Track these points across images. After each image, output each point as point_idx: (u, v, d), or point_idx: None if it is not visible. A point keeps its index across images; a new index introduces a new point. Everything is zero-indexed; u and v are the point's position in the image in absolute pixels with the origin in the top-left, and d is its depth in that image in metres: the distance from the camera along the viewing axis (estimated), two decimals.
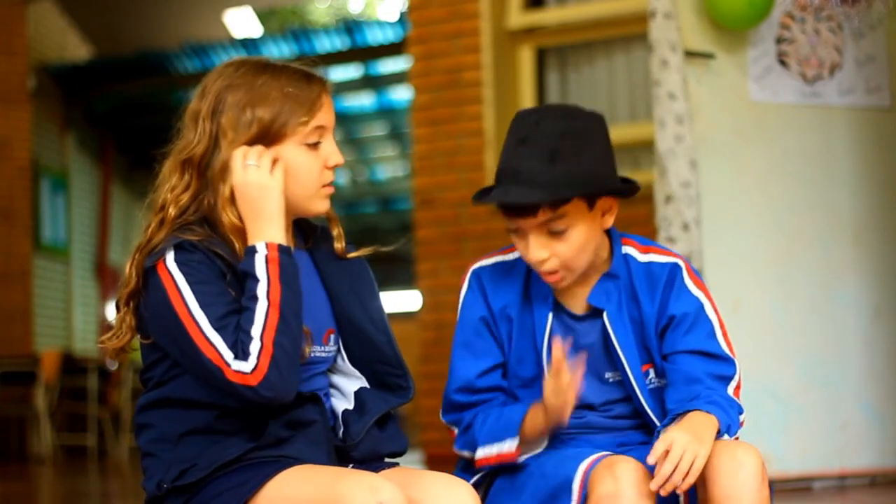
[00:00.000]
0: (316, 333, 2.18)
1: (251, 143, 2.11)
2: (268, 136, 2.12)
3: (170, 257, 2.05)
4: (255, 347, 2.00)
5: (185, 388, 2.10)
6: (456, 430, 2.31)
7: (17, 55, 10.93)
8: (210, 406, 2.09)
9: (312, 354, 2.18)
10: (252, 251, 2.05)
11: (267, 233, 2.07)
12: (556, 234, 2.18)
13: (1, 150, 10.85)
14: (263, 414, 2.08)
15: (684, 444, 2.03)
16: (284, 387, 2.01)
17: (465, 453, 2.29)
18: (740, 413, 2.22)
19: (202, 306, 2.02)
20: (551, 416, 2.17)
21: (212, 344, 2.01)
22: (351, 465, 2.16)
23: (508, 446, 2.22)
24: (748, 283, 4.63)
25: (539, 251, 2.18)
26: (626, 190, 2.24)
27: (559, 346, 2.12)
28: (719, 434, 2.12)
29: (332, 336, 2.21)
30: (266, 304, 2.01)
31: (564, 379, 2.12)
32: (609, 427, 2.31)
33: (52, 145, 11.92)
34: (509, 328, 2.30)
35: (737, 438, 2.18)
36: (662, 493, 2.05)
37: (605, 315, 2.26)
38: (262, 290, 2.02)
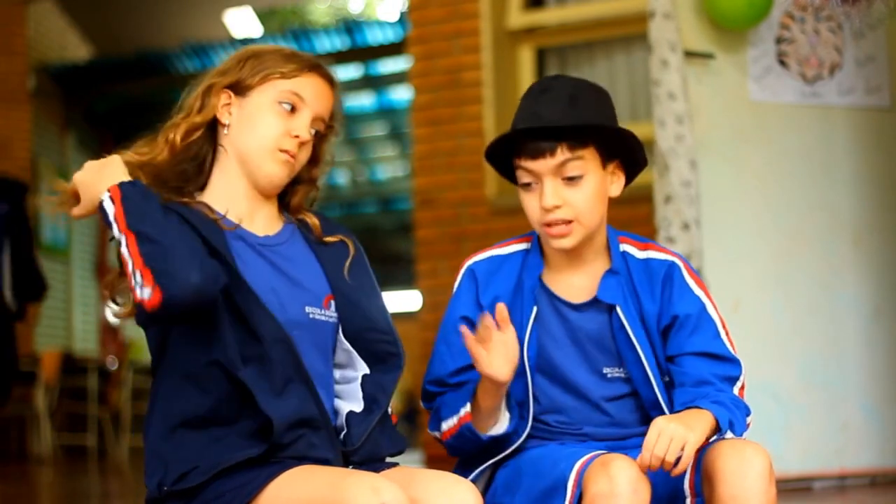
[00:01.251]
0: (315, 296, 2.21)
1: (229, 87, 2.22)
2: (243, 85, 2.22)
3: None
4: (140, 278, 2.04)
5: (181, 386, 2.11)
6: (430, 416, 2.35)
7: (17, 55, 10.93)
8: (208, 398, 2.10)
9: (311, 316, 2.19)
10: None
11: (106, 182, 2.12)
12: (571, 181, 2.22)
13: (1, 150, 10.84)
14: (263, 417, 2.08)
15: (671, 431, 2.05)
16: (182, 285, 2.01)
17: (436, 433, 2.32)
18: (747, 414, 2.24)
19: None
20: (490, 375, 2.19)
21: (134, 281, 2.07)
22: (350, 466, 2.16)
23: (463, 411, 2.25)
24: (748, 284, 4.63)
25: (553, 197, 2.22)
26: (639, 148, 2.29)
27: (502, 309, 2.16)
28: (721, 431, 2.13)
29: (332, 302, 2.23)
30: (123, 238, 2.07)
31: (497, 338, 2.15)
32: (606, 434, 2.31)
33: (52, 145, 11.92)
34: None
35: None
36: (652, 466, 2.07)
37: (619, 309, 2.27)
38: (116, 230, 2.09)
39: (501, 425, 2.26)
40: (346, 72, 11.84)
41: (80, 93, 12.26)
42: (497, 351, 2.16)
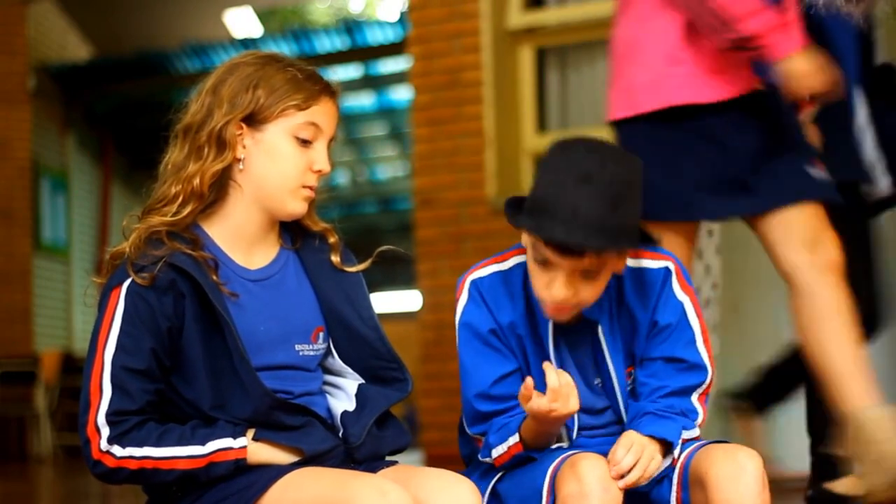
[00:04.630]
0: (304, 332, 2.18)
1: (244, 120, 2.12)
2: (258, 117, 2.13)
3: (125, 285, 2.06)
4: (137, 454, 2.02)
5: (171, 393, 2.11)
6: (482, 443, 2.29)
7: (17, 55, 10.94)
8: (195, 408, 2.10)
9: (301, 353, 2.18)
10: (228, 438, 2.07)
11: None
12: (588, 277, 2.16)
13: (1, 150, 10.85)
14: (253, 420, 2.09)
15: (644, 442, 2.11)
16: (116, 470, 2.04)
17: (487, 460, 2.28)
18: (693, 419, 2.25)
19: (118, 348, 2.03)
20: (545, 425, 2.18)
21: (101, 395, 2.02)
22: (351, 465, 2.16)
23: (512, 441, 2.22)
24: (748, 283, 4.63)
25: (566, 291, 2.16)
26: (657, 245, 2.26)
27: (551, 370, 2.13)
28: (670, 449, 2.17)
29: (322, 334, 2.20)
30: (182, 462, 2.03)
31: (559, 393, 2.12)
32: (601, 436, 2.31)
33: (52, 145, 11.92)
34: (521, 344, 2.28)
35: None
36: (621, 485, 2.08)
37: (598, 328, 2.26)
38: (197, 450, 2.04)
39: (549, 443, 2.26)
40: (346, 72, 11.85)
41: (80, 93, 12.26)
42: (568, 393, 2.13)
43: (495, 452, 2.24)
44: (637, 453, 2.09)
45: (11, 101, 10.87)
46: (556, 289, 2.16)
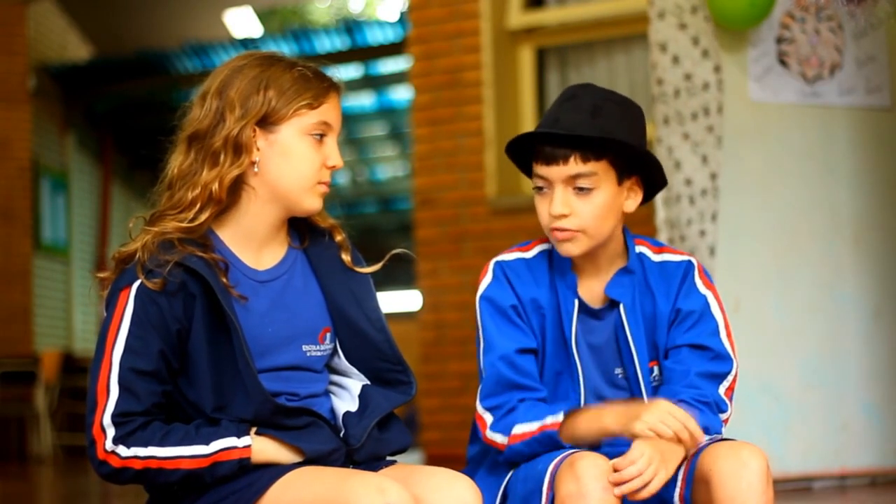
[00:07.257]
0: (311, 332, 2.18)
1: (258, 123, 2.11)
2: (271, 119, 2.12)
3: (135, 286, 2.06)
4: (142, 454, 2.01)
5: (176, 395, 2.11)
6: (492, 418, 2.27)
7: (17, 55, 10.93)
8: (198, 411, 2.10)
9: (308, 354, 2.18)
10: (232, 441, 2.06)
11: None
12: (581, 192, 2.21)
13: (1, 150, 10.84)
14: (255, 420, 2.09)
15: (650, 458, 2.07)
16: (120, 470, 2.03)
17: (497, 437, 2.25)
18: (723, 412, 2.25)
19: (126, 349, 2.03)
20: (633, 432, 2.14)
21: (107, 396, 2.02)
22: (351, 465, 2.16)
23: (551, 419, 2.19)
24: (749, 283, 4.63)
25: (561, 206, 2.22)
26: (657, 169, 2.27)
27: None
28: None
29: (328, 334, 2.21)
30: (186, 461, 2.03)
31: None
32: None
33: (52, 145, 11.91)
34: (542, 322, 2.30)
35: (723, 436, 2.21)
36: (618, 492, 2.06)
37: (621, 307, 2.27)
38: (200, 451, 2.03)
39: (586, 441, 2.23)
40: (346, 72, 11.84)
41: (80, 93, 12.25)
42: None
43: (518, 429, 2.21)
44: (642, 467, 2.06)
45: (11, 101, 10.87)
46: (553, 204, 2.22)
